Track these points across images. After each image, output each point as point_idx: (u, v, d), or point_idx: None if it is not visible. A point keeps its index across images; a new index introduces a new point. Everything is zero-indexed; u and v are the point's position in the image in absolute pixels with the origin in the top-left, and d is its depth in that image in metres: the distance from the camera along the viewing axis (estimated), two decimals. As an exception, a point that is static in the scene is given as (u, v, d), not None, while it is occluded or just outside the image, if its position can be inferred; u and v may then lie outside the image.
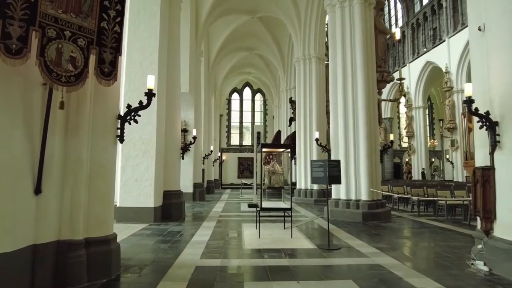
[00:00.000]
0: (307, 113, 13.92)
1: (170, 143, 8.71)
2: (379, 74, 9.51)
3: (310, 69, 14.11)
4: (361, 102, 8.87)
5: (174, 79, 9.10)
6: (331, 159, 8.56)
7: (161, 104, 8.35)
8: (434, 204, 9.98)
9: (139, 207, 7.78)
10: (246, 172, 27.09)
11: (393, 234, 6.78)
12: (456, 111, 20.79)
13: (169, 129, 8.73)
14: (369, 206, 8.51)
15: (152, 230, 6.82)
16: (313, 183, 5.72)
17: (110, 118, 3.96)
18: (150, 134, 7.99)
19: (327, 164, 5.36)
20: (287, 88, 20.14)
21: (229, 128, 29.15)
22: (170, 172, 8.62)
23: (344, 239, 6.06)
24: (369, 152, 8.75)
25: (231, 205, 12.35)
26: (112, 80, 3.38)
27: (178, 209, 8.49)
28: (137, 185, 7.84)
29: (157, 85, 8.18)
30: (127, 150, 7.94)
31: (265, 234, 6.27)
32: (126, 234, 6.32)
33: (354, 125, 8.91)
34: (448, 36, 21.48)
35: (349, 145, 8.91)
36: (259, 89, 29.65)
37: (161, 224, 7.57)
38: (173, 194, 8.49)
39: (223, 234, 6.44)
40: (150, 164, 7.90)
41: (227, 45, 19.56)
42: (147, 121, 8.02)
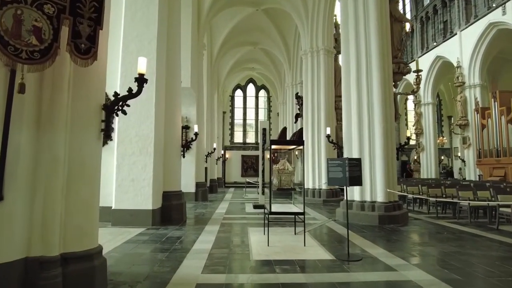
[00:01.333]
0: (315, 109, 13.23)
1: (170, 140, 8.08)
2: (395, 65, 8.80)
3: (318, 62, 13.41)
4: (376, 95, 8.19)
5: (174, 70, 8.45)
6: (351, 157, 7.89)
7: (160, 98, 7.71)
8: (454, 205, 9.30)
9: (136, 209, 7.16)
10: (250, 171, 26.45)
11: (416, 240, 6.11)
12: (468, 107, 20.00)
13: (169, 124, 8.10)
14: (386, 208, 7.84)
15: (149, 235, 6.19)
16: (330, 184, 5.06)
17: (94, 108, 3.32)
18: (148, 130, 7.36)
19: (347, 163, 4.69)
20: (292, 83, 19.42)
21: (232, 126, 28.50)
22: (170, 171, 7.99)
23: (362, 247, 5.40)
24: (385, 149, 8.07)
25: (235, 205, 11.71)
26: (90, 59, 2.73)
27: (178, 211, 7.86)
28: (134, 186, 7.22)
29: (156, 77, 7.56)
30: (123, 147, 7.31)
31: (275, 241, 5.62)
32: (120, 240, 5.70)
33: (369, 120, 8.22)
34: (460, 29, 20.65)
35: (364, 142, 8.23)
36: (263, 86, 28.95)
37: (160, 228, 6.94)
38: (173, 195, 7.86)
39: (227, 240, 5.80)
40: (147, 163, 7.28)
41: (230, 39, 18.88)
42: (145, 115, 7.39)
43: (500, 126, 17.19)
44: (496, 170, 17.63)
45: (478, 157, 18.84)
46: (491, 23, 18.16)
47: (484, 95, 19.57)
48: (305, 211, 5.30)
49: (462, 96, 20.30)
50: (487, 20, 18.34)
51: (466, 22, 20.27)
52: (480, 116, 18.57)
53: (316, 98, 13.26)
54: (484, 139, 18.31)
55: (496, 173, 17.54)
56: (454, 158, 29.52)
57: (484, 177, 18.29)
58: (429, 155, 24.38)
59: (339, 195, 13.27)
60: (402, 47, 9.12)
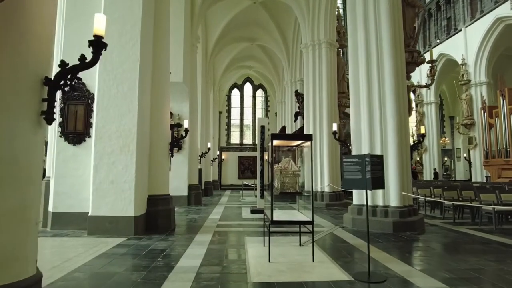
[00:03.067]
0: (317, 106, 12.34)
1: (157, 137, 7.14)
2: (408, 55, 7.93)
3: (320, 56, 12.54)
4: (389, 86, 7.31)
5: (162, 60, 7.52)
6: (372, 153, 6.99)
7: (144, 89, 6.78)
8: (472, 210, 8.42)
9: (116, 216, 6.21)
10: (247, 172, 25.49)
11: (444, 253, 5.20)
12: (474, 106, 19.22)
13: (156, 120, 7.16)
14: (401, 214, 6.94)
15: (129, 247, 5.24)
16: (346, 187, 4.15)
17: (30, 82, 2.37)
18: (130, 125, 6.42)
19: (368, 160, 3.77)
20: (291, 80, 18.54)
21: (229, 126, 27.55)
22: (157, 172, 7.04)
23: (382, 262, 4.49)
24: (400, 147, 7.19)
25: (231, 210, 10.77)
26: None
27: (166, 218, 6.91)
28: (114, 189, 6.27)
29: (140, 65, 6.64)
30: (101, 145, 6.37)
31: (277, 255, 4.70)
32: (92, 254, 4.74)
33: (381, 114, 7.33)
34: (465, 25, 19.90)
35: (375, 139, 7.34)
36: (261, 85, 28.06)
37: (143, 238, 5.99)
38: (159, 200, 6.91)
39: (220, 255, 4.86)
40: (129, 163, 6.33)
41: (226, 34, 17.98)
42: (126, 109, 6.46)
43: (509, 125, 16.37)
44: (506, 171, 16.79)
45: (485, 157, 18.01)
46: (498, 18, 17.41)
47: (490, 93, 18.81)
48: (313, 219, 4.38)
49: (467, 94, 19.51)
50: (494, 15, 17.60)
51: (471, 17, 19.52)
52: (488, 115, 17.76)
53: (318, 94, 12.38)
54: (492, 139, 17.49)
55: (506, 175, 16.71)
56: (457, 159, 28.75)
57: (492, 179, 17.46)
58: (432, 156, 23.59)
59: (342, 198, 12.37)
60: (416, 34, 8.25)
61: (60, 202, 6.66)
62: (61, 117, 6.83)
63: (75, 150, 6.82)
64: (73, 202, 6.66)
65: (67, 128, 6.80)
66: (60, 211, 6.63)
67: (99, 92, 6.48)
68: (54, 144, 6.93)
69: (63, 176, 6.72)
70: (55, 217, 6.62)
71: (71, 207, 6.65)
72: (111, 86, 6.50)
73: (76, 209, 6.63)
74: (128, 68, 6.57)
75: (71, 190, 6.69)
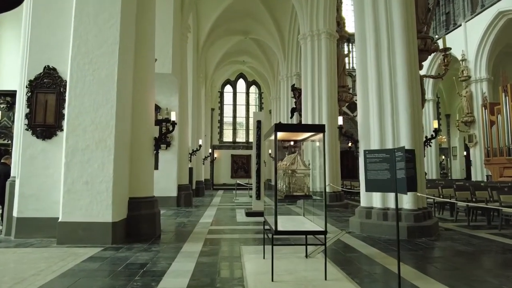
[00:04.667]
0: (316, 100, 11.57)
1: (139, 132, 6.26)
2: (420, 41, 7.19)
3: (319, 47, 11.76)
4: (401, 76, 6.56)
5: (146, 44, 6.63)
6: None
7: (125, 76, 5.90)
8: (488, 212, 7.74)
9: (91, 222, 5.34)
10: (240, 171, 24.65)
11: (476, 265, 4.45)
12: (475, 103, 18.69)
13: (138, 112, 6.28)
14: (416, 218, 6.19)
15: (103, 261, 4.38)
16: (369, 190, 3.35)
17: None
18: (107, 116, 5.54)
19: (402, 156, 2.98)
20: (287, 75, 17.74)
21: (221, 124, 26.66)
22: (139, 171, 6.17)
23: (408, 279, 3.72)
24: (413, 144, 6.44)
25: (224, 212, 9.93)
26: None
27: (150, 223, 6.05)
28: (88, 190, 5.39)
29: (120, 48, 5.79)
30: (74, 139, 5.48)
31: (281, 271, 3.89)
32: (55, 271, 3.87)
33: (393, 108, 6.58)
34: (465, 20, 19.35)
35: (386, 133, 6.58)
36: (254, 81, 27.22)
37: (121, 247, 5.13)
38: (143, 203, 6.04)
39: (212, 271, 4.03)
40: (106, 160, 5.46)
41: (219, 26, 17.09)
42: (103, 98, 5.58)
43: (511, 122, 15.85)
44: (508, 170, 16.26)
45: (486, 156, 17.49)
46: (501, 12, 16.88)
47: (490, 90, 18.30)
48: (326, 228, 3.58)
49: (467, 91, 18.98)
50: (496, 9, 17.06)
51: (471, 12, 18.98)
52: (489, 111, 17.22)
53: (317, 88, 11.60)
54: (493, 137, 16.95)
55: (508, 173, 16.18)
56: (453, 158, 28.34)
57: (494, 178, 16.93)
58: (429, 154, 23.03)
59: (343, 199, 11.64)
60: (428, 19, 7.52)
61: (27, 206, 5.75)
62: (28, 108, 5.91)
63: (44, 145, 5.91)
64: (42, 205, 5.76)
65: (35, 120, 5.89)
66: (26, 216, 5.72)
67: (72, 78, 5.58)
68: (20, 139, 6.01)
69: (31, 176, 5.80)
70: (20, 223, 5.70)
71: (40, 212, 5.75)
72: (86, 72, 5.61)
73: (45, 214, 5.73)
74: (106, 51, 5.68)
75: (39, 192, 5.78)
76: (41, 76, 5.96)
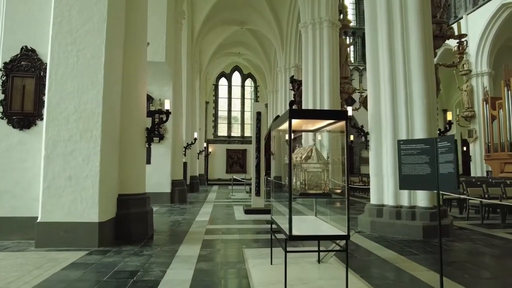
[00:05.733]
0: (317, 92, 11.02)
1: (130, 121, 5.64)
2: (436, 26, 6.68)
3: (321, 36, 11.19)
4: (416, 63, 6.03)
5: (138, 23, 5.98)
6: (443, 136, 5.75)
7: (114, 57, 5.28)
8: (503, 210, 7.32)
9: (75, 223, 4.74)
10: (236, 166, 24.07)
11: (508, 271, 3.97)
12: (475, 97, 18.34)
13: (128, 98, 5.66)
14: (432, 216, 5.71)
15: (86, 268, 3.79)
16: (404, 188, 2.81)
17: None
18: (94, 103, 4.92)
19: (450, 147, 2.45)
20: (285, 67, 17.14)
21: (216, 117, 25.99)
22: (130, 165, 5.56)
23: None
24: (427, 133, 5.95)
25: (221, 209, 9.37)
26: None
27: (141, 223, 5.46)
28: (72, 186, 4.79)
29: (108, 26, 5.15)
30: (55, 129, 4.85)
31: (293, 280, 3.36)
32: (28, 283, 3.28)
33: (407, 96, 6.06)
34: (466, 12, 18.92)
35: (400, 124, 6.07)
36: (250, 74, 26.57)
37: (109, 251, 4.54)
38: (133, 200, 5.45)
39: (213, 281, 3.47)
40: (92, 152, 4.84)
41: (215, 15, 16.39)
42: (89, 81, 4.95)
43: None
44: (509, 165, 15.95)
45: (486, 151, 17.17)
46: (504, 4, 16.47)
47: (491, 84, 17.97)
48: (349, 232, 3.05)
49: (468, 85, 18.61)
50: (499, 1, 16.65)
51: (473, 4, 18.55)
52: (490, 106, 16.88)
53: (318, 79, 11.05)
54: (494, 132, 16.62)
55: (509, 169, 15.88)
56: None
57: (494, 174, 16.62)
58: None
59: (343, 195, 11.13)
60: (443, 3, 7.00)
61: (2, 204, 5.12)
62: (3, 94, 5.25)
63: (22, 136, 5.27)
64: (19, 203, 5.14)
65: (11, 107, 5.24)
66: (1, 215, 5.09)
67: (53, 59, 4.93)
68: (-6, 129, 5.35)
69: (6, 170, 5.17)
70: (-6, 223, 5.08)
71: (17, 210, 5.13)
72: (69, 53, 4.96)
73: (23, 213, 5.11)
74: (92, 29, 5.04)
75: (16, 188, 5.16)
76: (18, 58, 5.30)
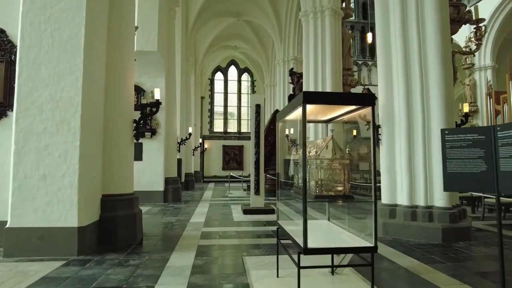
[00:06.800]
0: (319, 85, 10.43)
1: (115, 112, 5.01)
2: (453, 9, 6.13)
3: (323, 26, 10.59)
4: (433, 48, 5.46)
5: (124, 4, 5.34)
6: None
7: (95, 39, 4.64)
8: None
9: (51, 228, 4.12)
10: (232, 163, 23.46)
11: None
12: (478, 92, 17.90)
13: (114, 87, 5.03)
14: (451, 217, 5.17)
15: (59, 283, 3.19)
16: (451, 189, 2.25)
17: None
18: (72, 91, 4.29)
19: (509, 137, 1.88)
20: (284, 59, 16.52)
21: (212, 113, 25.32)
22: (115, 162, 4.95)
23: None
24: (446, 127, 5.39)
25: (218, 209, 8.78)
26: None
27: (128, 227, 4.86)
28: (47, 186, 4.17)
29: (87, 3, 4.49)
30: (27, 120, 4.22)
31: (307, 299, 2.78)
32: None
33: (423, 86, 5.49)
34: (470, 4, 18.38)
35: (415, 118, 5.51)
36: (247, 68, 25.91)
37: (90, 260, 3.94)
38: (119, 201, 4.84)
39: (211, 299, 2.89)
40: (71, 147, 4.22)
41: (210, 6, 15.74)
42: (67, 66, 4.32)
43: (518, 112, 15.07)
44: (514, 161, 15.55)
45: (490, 147, 16.75)
46: (510, -5, 16.00)
47: (495, 78, 17.53)
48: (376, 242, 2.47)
49: (471, 79, 18.14)
50: (505, -8, 16.18)
51: (476, -4, 18.05)
52: (494, 101, 16.44)
53: (320, 71, 10.46)
54: (498, 127, 16.18)
55: (514, 165, 15.48)
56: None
57: (498, 170, 16.23)
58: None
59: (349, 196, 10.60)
60: (460, -16, 6.44)
61: (-32, 206, 4.49)
62: (-31, 80, 4.61)
63: (-9, 129, 4.64)
64: (-13, 205, 4.51)
65: (-22, 96, 4.60)
66: (-34, 219, 4.46)
67: (24, 41, 4.29)
68: (-41, 121, 4.71)
69: (-27, 168, 4.54)
70: (-41, 228, 4.44)
71: (-15, 214, 4.50)
72: (42, 33, 4.32)
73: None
74: (69, 6, 4.39)
75: (-16, 188, 4.52)
76: (-14, 40, 4.65)
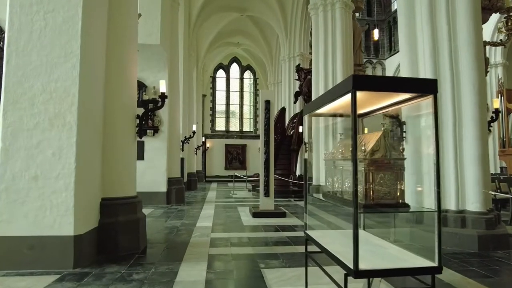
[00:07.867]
0: (329, 80, 9.93)
1: (116, 106, 4.52)
2: (484, -4, 5.65)
3: (333, 19, 10.10)
4: (465, 38, 4.98)
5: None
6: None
7: (93, 24, 4.14)
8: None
9: (43, 236, 3.63)
10: (235, 162, 22.97)
11: None
12: (489, 90, 17.41)
13: (115, 78, 4.54)
14: (487, 223, 4.69)
15: (50, 305, 2.71)
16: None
17: None
18: (68, 81, 3.79)
19: None
20: (289, 55, 16.00)
21: (213, 111, 24.83)
22: (116, 162, 4.45)
23: None
24: (480, 125, 4.95)
25: (225, 211, 8.30)
26: None
27: (131, 234, 4.37)
28: (39, 189, 3.68)
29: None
30: (16, 114, 3.72)
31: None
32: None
33: (453, 79, 5.02)
34: None
35: (445, 114, 5.02)
36: (249, 66, 25.41)
37: (88, 274, 3.46)
38: (120, 205, 4.34)
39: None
40: (66, 144, 3.73)
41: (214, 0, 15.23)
42: (61, 53, 3.82)
43: (531, 110, 14.62)
44: (526, 161, 15.09)
45: (501, 146, 16.28)
46: (521, -10, 15.49)
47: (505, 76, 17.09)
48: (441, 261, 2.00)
49: (481, 76, 17.65)
50: (516, -13, 15.68)
51: (487, -9, 17.58)
52: (506, 99, 15.98)
53: (330, 66, 9.97)
54: (510, 126, 15.73)
55: (526, 165, 15.02)
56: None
57: (509, 170, 15.76)
58: (434, 145, 21.83)
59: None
60: (491, -31, 5.96)
61: (-49, 211, 4.00)
62: (-48, 69, 4.12)
63: (-22, 124, 4.14)
64: (-27, 210, 4.01)
65: (-37, 87, 4.10)
66: (-51, 225, 3.97)
67: (12, 24, 3.79)
68: None
69: (-44, 168, 4.04)
70: None
71: (-30, 219, 4.00)
72: (34, 15, 3.82)
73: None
74: (64, -14, 3.90)
75: (-31, 190, 4.03)
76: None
